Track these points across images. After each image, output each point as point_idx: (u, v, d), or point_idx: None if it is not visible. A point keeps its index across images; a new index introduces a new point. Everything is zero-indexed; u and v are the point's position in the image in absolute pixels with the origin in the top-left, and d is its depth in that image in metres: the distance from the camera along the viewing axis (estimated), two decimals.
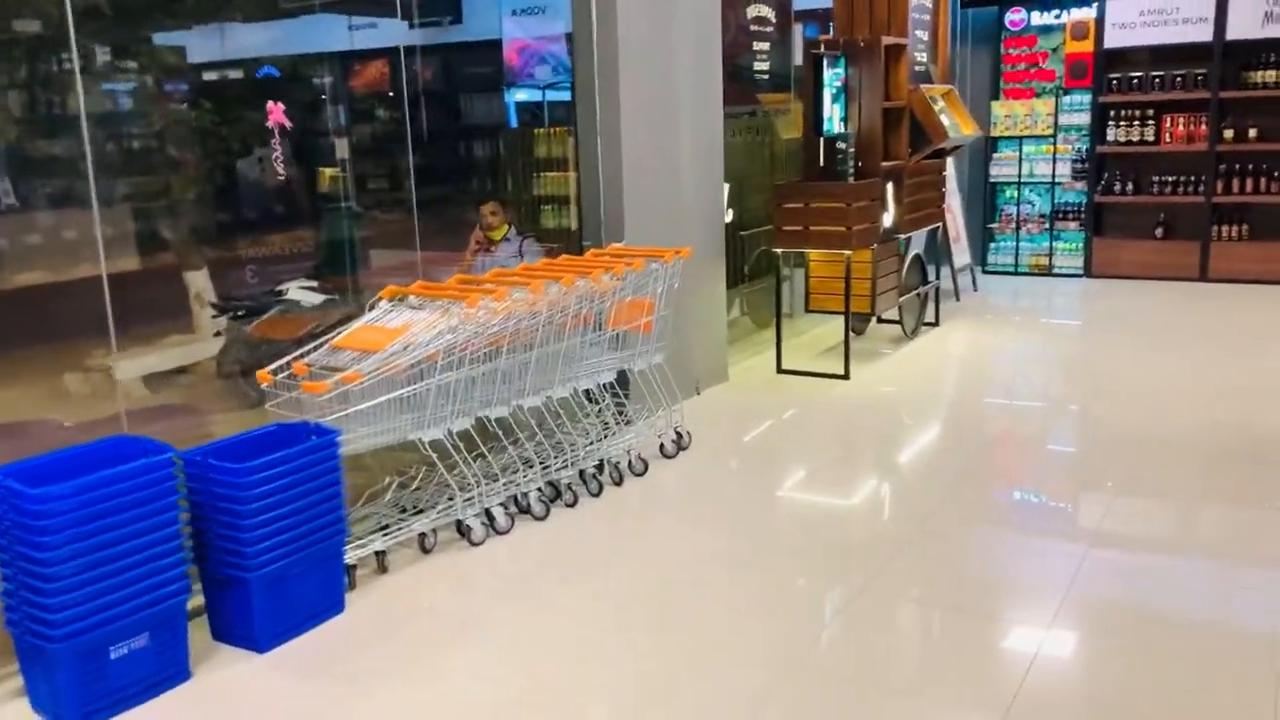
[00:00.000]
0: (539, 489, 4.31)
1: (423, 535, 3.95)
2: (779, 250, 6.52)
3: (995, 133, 9.85)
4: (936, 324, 7.79)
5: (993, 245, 10.03)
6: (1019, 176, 9.85)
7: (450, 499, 4.04)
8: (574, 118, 5.45)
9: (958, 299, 8.74)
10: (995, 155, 9.92)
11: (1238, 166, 8.93)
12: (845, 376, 6.41)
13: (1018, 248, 9.92)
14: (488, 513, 4.09)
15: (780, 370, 6.63)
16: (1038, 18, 9.70)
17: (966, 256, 9.17)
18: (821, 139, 6.36)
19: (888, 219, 6.66)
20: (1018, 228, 9.92)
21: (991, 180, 9.99)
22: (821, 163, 6.44)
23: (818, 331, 7.44)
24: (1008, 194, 10.00)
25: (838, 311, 6.63)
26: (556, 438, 4.52)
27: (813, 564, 3.94)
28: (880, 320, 7.58)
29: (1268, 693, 2.97)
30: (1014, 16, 9.78)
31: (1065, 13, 9.52)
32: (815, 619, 3.51)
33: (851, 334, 7.47)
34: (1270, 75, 8.69)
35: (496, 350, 4.07)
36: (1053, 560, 3.91)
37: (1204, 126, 8.97)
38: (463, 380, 3.96)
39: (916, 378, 6.64)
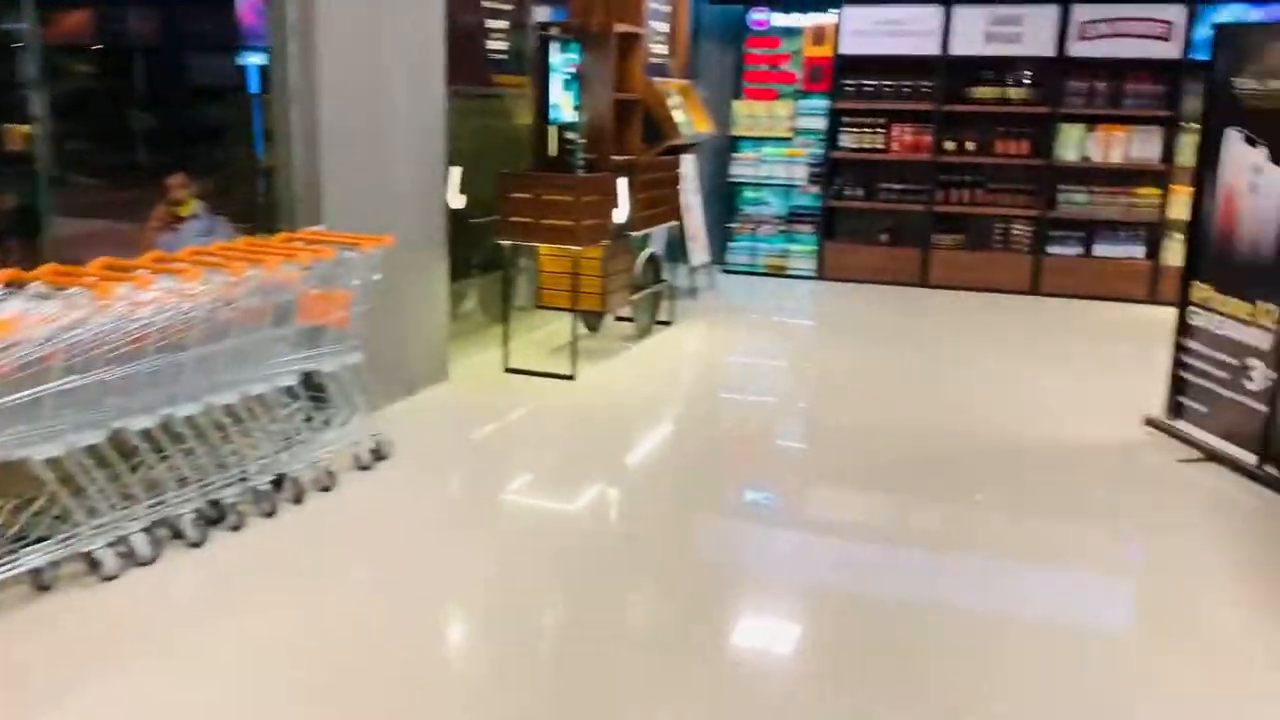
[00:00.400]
0: (197, 510, 3.73)
1: (37, 570, 3.29)
2: (505, 243, 6.14)
3: (736, 133, 9.88)
4: (671, 323, 7.66)
5: (732, 245, 10.08)
6: (757, 177, 9.92)
7: (76, 526, 3.39)
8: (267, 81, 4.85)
9: (694, 298, 8.68)
10: (736, 155, 9.96)
11: (957, 177, 9.35)
12: (571, 377, 6.12)
13: (754, 247, 10.01)
14: (126, 541, 3.47)
15: (507, 369, 6.26)
16: (780, 19, 9.79)
17: (705, 255, 9.13)
18: (551, 128, 6.03)
19: (620, 215, 6.42)
20: (755, 228, 10.01)
21: (732, 180, 10.03)
22: (551, 153, 6.11)
23: (554, 328, 7.12)
24: (747, 194, 10.07)
25: (569, 308, 6.34)
26: (223, 450, 3.94)
27: (520, 578, 3.62)
28: (617, 318, 7.40)
29: (975, 669, 3.15)
30: (757, 16, 9.83)
31: (807, 15, 9.66)
32: (524, 635, 3.16)
33: (586, 331, 7.24)
34: (988, 91, 9.14)
35: (141, 350, 3.45)
36: (779, 551, 4.04)
37: (928, 137, 9.34)
38: (93, 386, 3.32)
39: (648, 377, 6.46)
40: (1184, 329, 5.30)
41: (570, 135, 6.00)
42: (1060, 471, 4.94)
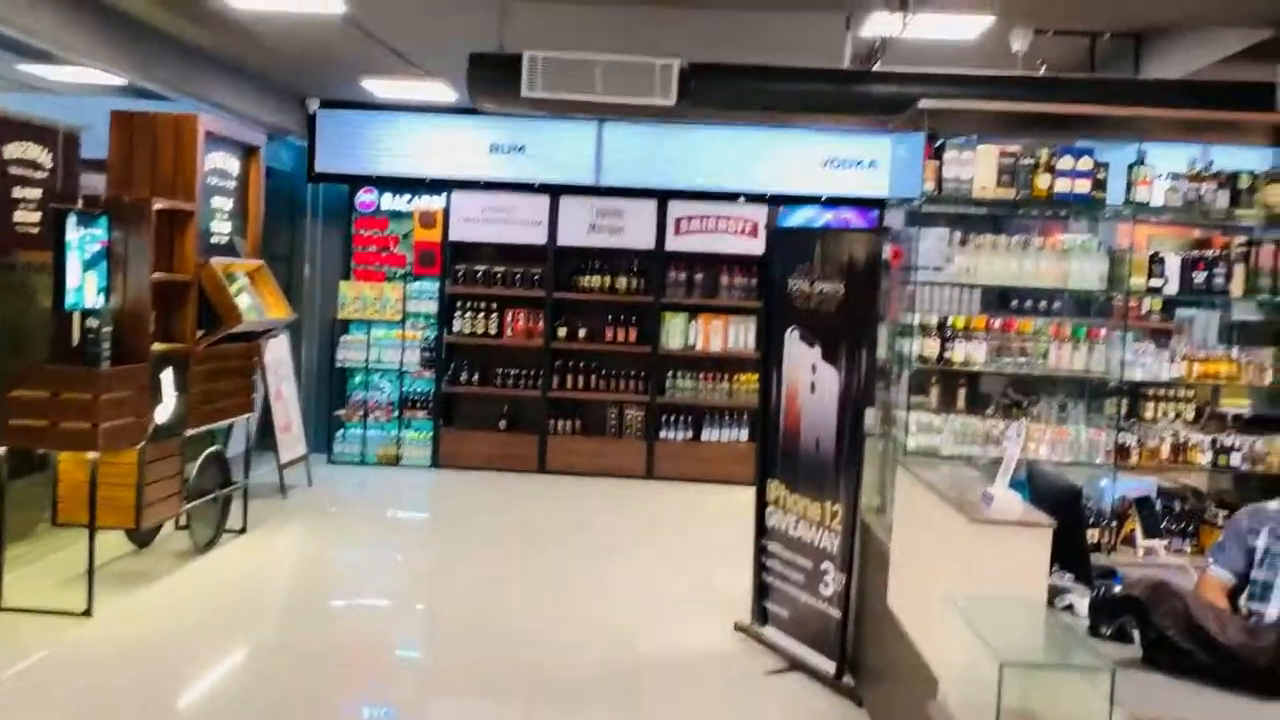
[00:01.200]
0: None
1: None
2: (3, 449, 5.04)
3: (344, 315, 9.28)
4: (245, 530, 6.69)
5: (341, 434, 9.29)
6: (368, 362, 9.31)
7: None
8: None
9: (285, 496, 7.76)
10: (345, 338, 9.32)
11: (570, 364, 9.23)
12: (87, 613, 5.02)
13: (365, 437, 9.28)
14: None
15: (1, 608, 5.04)
16: (389, 201, 9.43)
17: (301, 448, 8.28)
18: (73, 313, 5.12)
19: (164, 413, 5.53)
20: (365, 416, 9.32)
21: (340, 365, 9.34)
22: (74, 342, 5.17)
23: (83, 547, 5.94)
24: (357, 379, 9.40)
25: (100, 526, 5.27)
26: None
27: None
28: (178, 527, 6.36)
29: None
30: (365, 198, 9.43)
31: (415, 199, 9.37)
32: None
33: (133, 548, 6.13)
34: (595, 280, 9.18)
35: None
36: None
37: (540, 324, 9.20)
38: None
39: (201, 601, 5.51)
40: (762, 529, 5.18)
41: (94, 322, 5.10)
42: (654, 685, 4.71)
